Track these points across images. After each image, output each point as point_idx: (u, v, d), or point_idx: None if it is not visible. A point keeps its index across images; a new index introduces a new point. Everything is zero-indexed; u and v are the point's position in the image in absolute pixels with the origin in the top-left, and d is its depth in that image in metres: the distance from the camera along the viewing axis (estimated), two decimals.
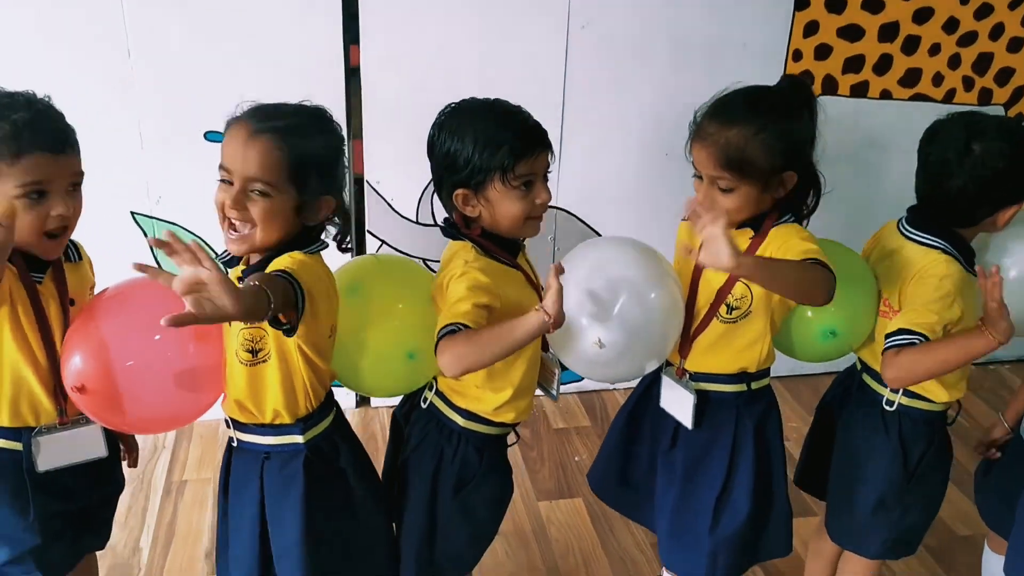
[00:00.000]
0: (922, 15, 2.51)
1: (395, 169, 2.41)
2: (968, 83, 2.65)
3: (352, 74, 2.31)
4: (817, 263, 1.37)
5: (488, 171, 1.36)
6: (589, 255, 1.48)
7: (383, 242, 2.51)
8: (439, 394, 1.51)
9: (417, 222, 2.48)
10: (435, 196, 1.49)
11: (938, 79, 2.62)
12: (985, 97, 2.69)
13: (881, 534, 1.65)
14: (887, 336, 1.47)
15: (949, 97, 2.66)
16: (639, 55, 2.42)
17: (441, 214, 1.51)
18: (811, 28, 2.47)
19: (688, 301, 1.53)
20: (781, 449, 1.62)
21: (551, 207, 1.42)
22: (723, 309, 1.49)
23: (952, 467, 1.68)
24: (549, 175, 1.44)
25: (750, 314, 1.49)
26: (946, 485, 1.67)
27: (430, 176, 1.46)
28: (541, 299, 1.45)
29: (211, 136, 2.25)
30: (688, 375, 1.56)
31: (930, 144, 1.51)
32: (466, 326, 1.29)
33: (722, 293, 1.49)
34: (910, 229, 1.55)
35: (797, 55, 2.50)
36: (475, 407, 1.48)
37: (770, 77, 2.53)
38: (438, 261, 1.48)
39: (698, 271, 1.52)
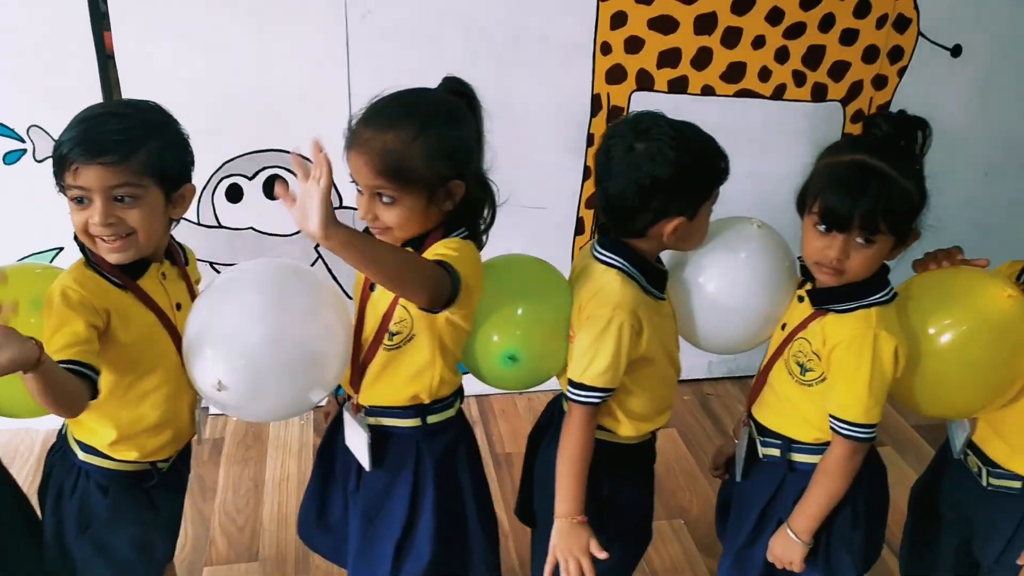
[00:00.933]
0: (742, 5, 2.35)
1: None
2: (799, 78, 2.49)
3: (107, 61, 2.14)
4: (441, 264, 1.22)
5: None
6: (224, 285, 1.32)
7: None
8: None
9: (199, 223, 2.32)
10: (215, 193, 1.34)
11: (765, 74, 2.46)
12: (820, 93, 2.53)
13: None
14: (569, 383, 1.35)
15: (779, 93, 2.50)
16: (430, 46, 2.25)
17: (225, 212, 1.36)
18: (619, 19, 2.31)
19: (356, 329, 1.39)
20: (477, 485, 1.48)
21: (346, 207, 1.25)
22: (385, 336, 1.35)
23: None
24: (127, 198, 1.22)
25: (413, 338, 1.34)
26: (649, 522, 1.55)
27: (210, 173, 1.31)
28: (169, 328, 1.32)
29: None
30: (363, 410, 1.42)
31: (603, 142, 1.35)
32: None
33: (386, 319, 1.35)
34: (596, 247, 1.41)
35: (606, 48, 2.34)
36: (90, 439, 1.34)
37: (577, 72, 2.41)
38: (227, 264, 1.31)
39: (365, 296, 1.38)
